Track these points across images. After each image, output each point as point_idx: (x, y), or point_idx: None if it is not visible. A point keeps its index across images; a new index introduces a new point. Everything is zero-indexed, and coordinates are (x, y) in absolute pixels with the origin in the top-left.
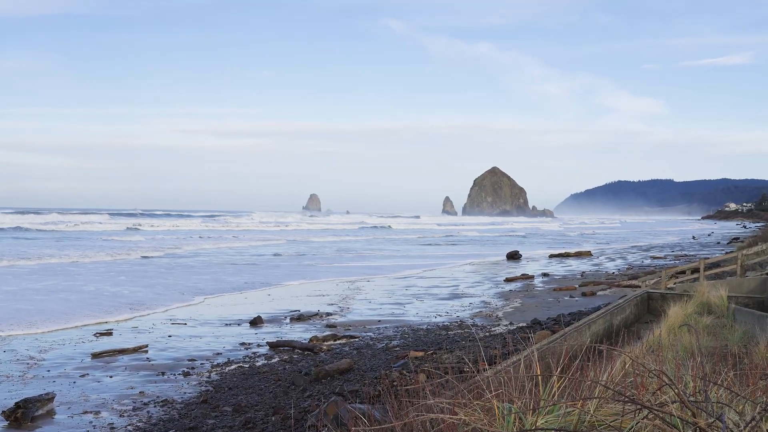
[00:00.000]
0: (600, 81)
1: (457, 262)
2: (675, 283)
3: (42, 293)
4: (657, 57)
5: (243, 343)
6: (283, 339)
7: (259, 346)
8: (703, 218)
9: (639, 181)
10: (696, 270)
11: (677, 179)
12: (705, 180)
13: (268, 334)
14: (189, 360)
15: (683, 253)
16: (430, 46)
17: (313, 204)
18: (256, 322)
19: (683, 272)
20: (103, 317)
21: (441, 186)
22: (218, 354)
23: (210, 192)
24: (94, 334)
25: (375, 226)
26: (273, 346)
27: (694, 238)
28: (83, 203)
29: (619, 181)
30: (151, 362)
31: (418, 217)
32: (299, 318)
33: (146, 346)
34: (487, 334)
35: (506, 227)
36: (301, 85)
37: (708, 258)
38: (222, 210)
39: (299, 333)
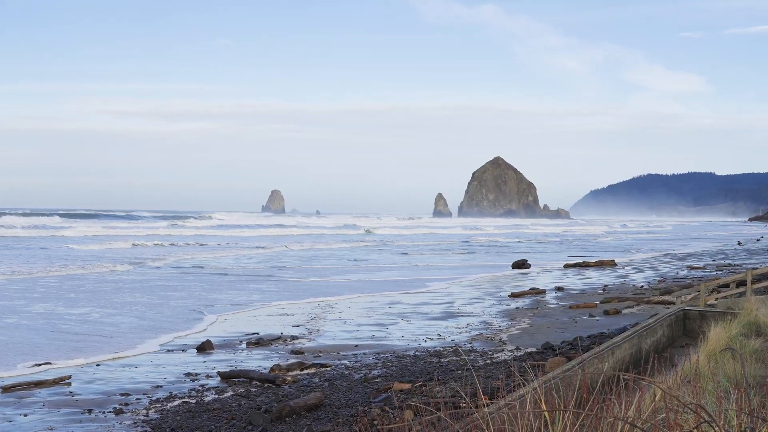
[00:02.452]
0: (628, 53)
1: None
2: (716, 298)
3: None
4: (698, 23)
5: (188, 374)
6: (238, 368)
7: (208, 377)
8: (750, 220)
9: (673, 174)
10: (742, 283)
11: (719, 172)
12: (753, 173)
13: (219, 362)
14: (122, 394)
15: (726, 262)
16: (422, 10)
17: (275, 203)
18: (204, 348)
19: (726, 285)
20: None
21: (432, 181)
22: (158, 387)
23: (150, 187)
24: None
25: (364, 230)
26: (225, 377)
27: (739, 243)
28: None
29: (649, 175)
30: (76, 397)
31: (419, 217)
32: (258, 342)
33: (69, 377)
34: (489, 361)
35: (535, 231)
36: (263, 56)
37: (757, 268)
38: (169, 210)
39: (258, 361)
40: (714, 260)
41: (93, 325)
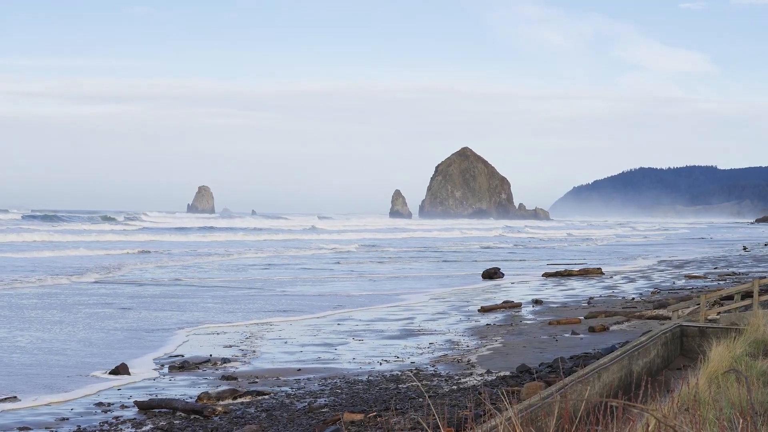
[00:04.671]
0: (620, 26)
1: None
2: (719, 312)
3: None
4: None
5: (99, 404)
6: (159, 397)
7: (123, 407)
8: (757, 221)
9: (669, 168)
10: (748, 294)
11: (722, 166)
12: (761, 168)
13: (136, 389)
14: (20, 429)
15: (730, 270)
16: None
17: (202, 201)
18: (118, 372)
19: (730, 297)
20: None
21: (388, 175)
22: (63, 420)
23: (60, 181)
24: None
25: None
26: (144, 407)
27: (745, 248)
28: None
29: (641, 169)
30: None
31: (369, 217)
32: (182, 366)
33: None
34: (455, 387)
35: (534, 235)
36: (188, 27)
37: (765, 277)
38: (87, 210)
39: (182, 388)
40: (716, 268)
41: (22, 354)
